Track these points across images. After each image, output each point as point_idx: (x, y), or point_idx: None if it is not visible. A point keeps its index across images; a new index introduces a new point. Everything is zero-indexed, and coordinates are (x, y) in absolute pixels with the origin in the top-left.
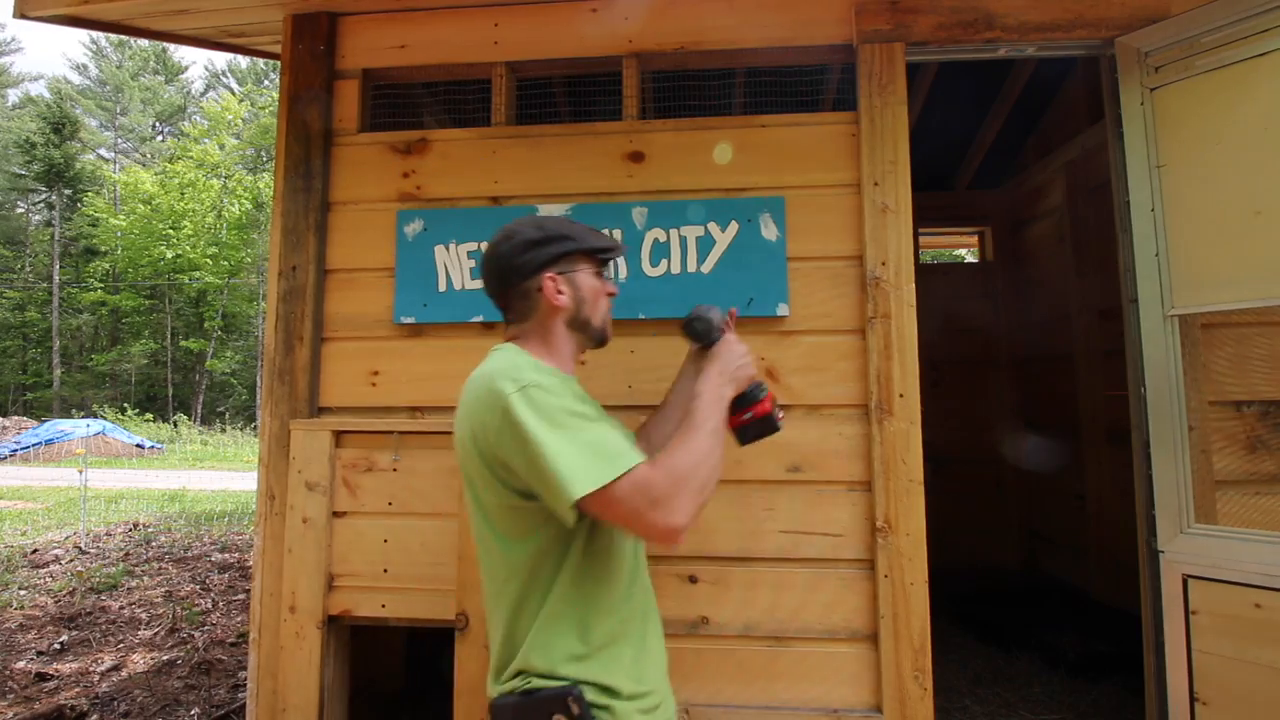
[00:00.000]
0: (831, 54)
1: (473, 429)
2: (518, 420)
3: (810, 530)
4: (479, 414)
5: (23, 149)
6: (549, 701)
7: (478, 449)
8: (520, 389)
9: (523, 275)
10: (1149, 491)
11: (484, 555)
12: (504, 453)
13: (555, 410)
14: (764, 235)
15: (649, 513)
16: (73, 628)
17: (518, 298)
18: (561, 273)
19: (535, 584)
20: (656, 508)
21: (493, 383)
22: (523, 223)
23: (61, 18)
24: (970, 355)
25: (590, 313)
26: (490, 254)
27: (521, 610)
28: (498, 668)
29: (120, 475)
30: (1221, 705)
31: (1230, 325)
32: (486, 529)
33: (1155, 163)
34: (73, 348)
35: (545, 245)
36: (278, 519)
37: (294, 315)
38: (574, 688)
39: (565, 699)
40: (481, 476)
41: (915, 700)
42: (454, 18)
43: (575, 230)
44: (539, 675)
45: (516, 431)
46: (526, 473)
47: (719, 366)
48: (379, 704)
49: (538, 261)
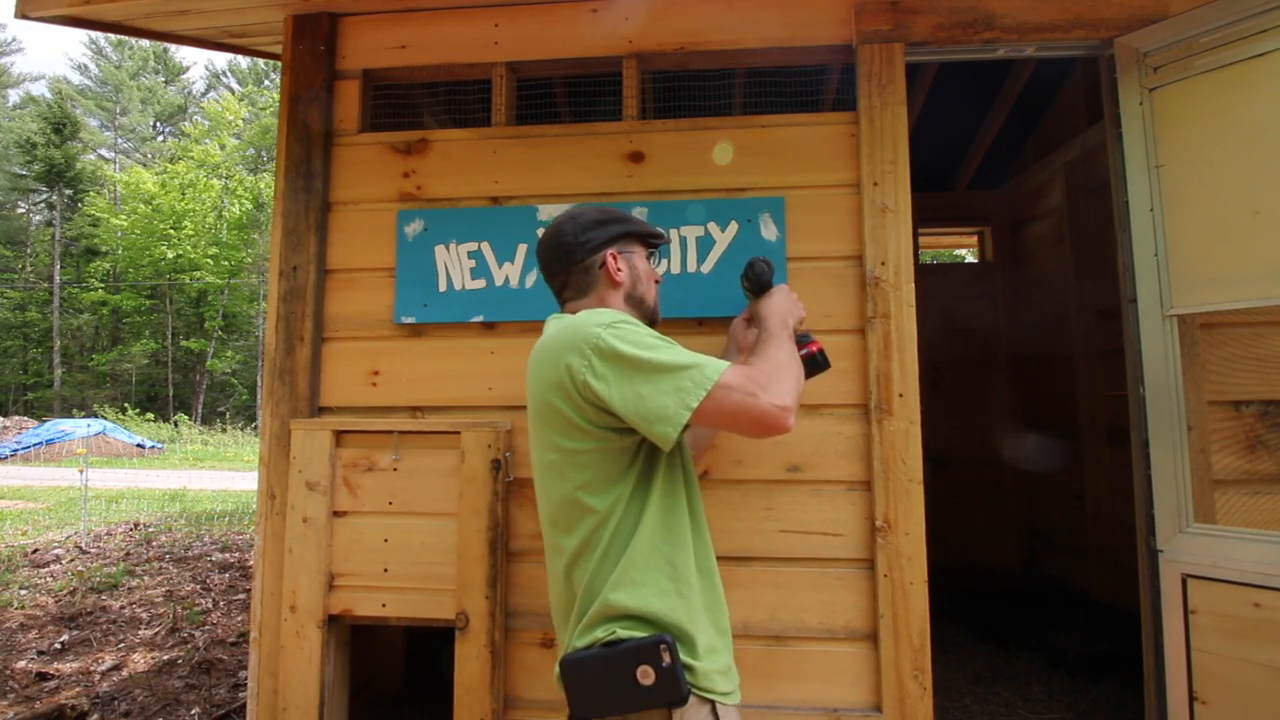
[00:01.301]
0: (831, 54)
1: (558, 378)
2: (617, 351)
3: (810, 530)
4: (565, 360)
5: (23, 149)
6: (636, 652)
7: (565, 396)
8: (608, 326)
9: (587, 251)
10: (1148, 491)
11: (560, 512)
12: (600, 386)
13: (646, 336)
14: (764, 235)
15: (761, 396)
16: (73, 627)
17: (579, 273)
18: (621, 251)
19: (621, 526)
20: (767, 391)
21: (579, 330)
22: (582, 209)
23: (62, 18)
24: (970, 355)
25: (645, 291)
26: (553, 235)
27: (606, 556)
28: (575, 619)
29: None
30: (1221, 704)
31: (1229, 325)
32: (568, 482)
33: (1154, 163)
34: (73, 347)
35: (607, 225)
36: (278, 518)
37: (295, 315)
38: (665, 635)
39: (655, 648)
40: (568, 426)
41: (915, 699)
42: (454, 18)
43: (630, 216)
44: (629, 616)
45: (617, 361)
46: (624, 401)
47: (777, 305)
48: (379, 703)
49: (600, 239)
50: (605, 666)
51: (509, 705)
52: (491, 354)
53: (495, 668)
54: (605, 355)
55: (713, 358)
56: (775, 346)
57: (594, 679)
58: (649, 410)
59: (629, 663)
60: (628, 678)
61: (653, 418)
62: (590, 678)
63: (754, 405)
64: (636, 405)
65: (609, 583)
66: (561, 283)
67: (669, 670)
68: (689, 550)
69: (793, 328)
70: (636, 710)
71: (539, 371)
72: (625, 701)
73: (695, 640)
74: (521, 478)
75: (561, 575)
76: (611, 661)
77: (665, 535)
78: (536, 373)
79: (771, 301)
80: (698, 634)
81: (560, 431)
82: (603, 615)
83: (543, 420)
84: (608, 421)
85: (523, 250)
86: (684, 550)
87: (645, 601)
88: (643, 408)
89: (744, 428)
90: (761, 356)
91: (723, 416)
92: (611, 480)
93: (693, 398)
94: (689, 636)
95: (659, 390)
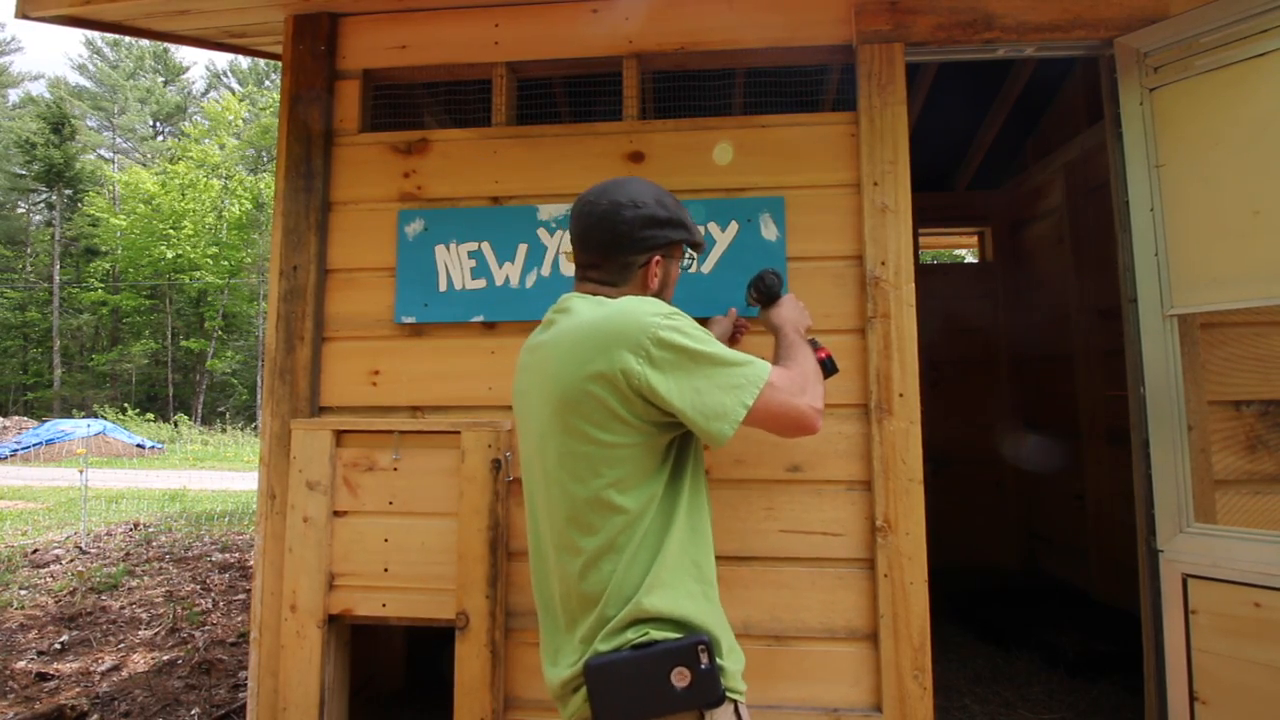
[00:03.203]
0: (831, 54)
1: (606, 368)
2: (676, 343)
3: (810, 530)
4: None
5: (23, 149)
6: (673, 654)
7: (611, 386)
8: (666, 316)
9: (635, 250)
10: (1148, 491)
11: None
12: (658, 379)
13: (700, 330)
14: (764, 235)
15: (800, 397)
16: (73, 627)
17: (618, 264)
18: (665, 257)
19: (652, 528)
20: (805, 393)
21: (633, 318)
22: (644, 193)
23: (62, 18)
24: (970, 355)
25: (668, 297)
26: (609, 214)
27: (635, 559)
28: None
29: (121, 475)
30: (1221, 704)
31: (1230, 325)
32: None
33: (1154, 163)
34: (73, 347)
35: (665, 228)
36: (278, 518)
37: (295, 315)
38: (703, 637)
39: (694, 649)
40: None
41: (915, 699)
42: (454, 18)
43: (687, 218)
44: (661, 619)
45: (677, 354)
46: (682, 396)
47: (789, 314)
48: (379, 703)
49: (653, 242)
50: (638, 669)
51: (509, 705)
52: (492, 354)
53: (495, 668)
54: (665, 346)
55: (757, 357)
56: (802, 352)
57: (625, 682)
58: (706, 406)
59: (665, 665)
60: (662, 680)
61: (710, 414)
62: (621, 680)
63: (796, 406)
64: (694, 400)
65: (640, 586)
66: (593, 262)
67: (707, 672)
68: (711, 551)
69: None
70: (670, 713)
71: (573, 355)
72: (659, 705)
73: (720, 641)
74: (520, 477)
75: (576, 575)
76: (645, 663)
77: (692, 537)
78: (568, 357)
79: (784, 310)
80: (722, 635)
81: (597, 423)
82: (633, 618)
83: (574, 409)
84: (654, 416)
85: (523, 250)
86: (707, 552)
87: (677, 604)
88: (700, 403)
89: (782, 426)
90: (792, 360)
91: (769, 416)
92: (644, 478)
93: (748, 395)
94: (716, 638)
95: (716, 386)
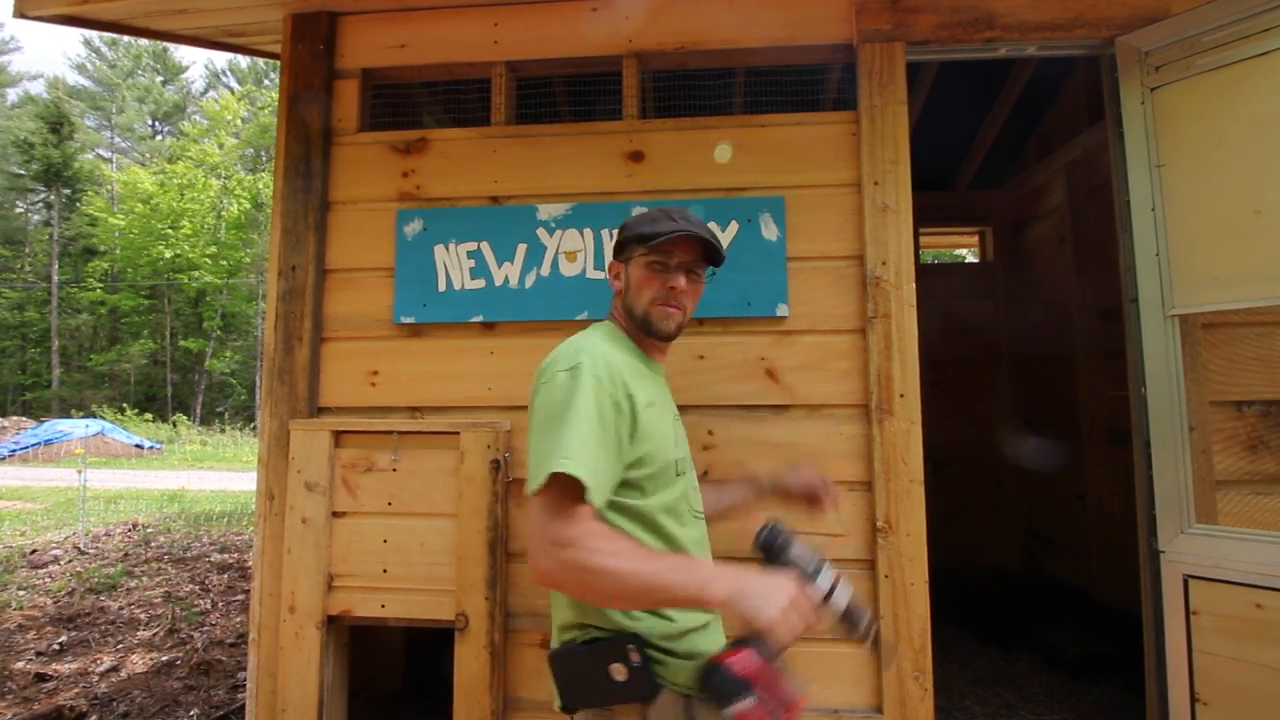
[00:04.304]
0: (832, 53)
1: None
2: (539, 399)
3: (811, 530)
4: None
5: (21, 148)
6: (609, 650)
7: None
8: (570, 368)
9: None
10: (1149, 492)
11: None
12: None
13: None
14: (764, 235)
15: (539, 541)
16: (72, 628)
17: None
18: (623, 260)
19: None
20: (550, 550)
21: (550, 357)
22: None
23: (61, 17)
24: (970, 355)
25: (633, 300)
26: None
27: None
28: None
29: (119, 475)
30: (1222, 705)
31: (1231, 325)
32: None
33: (1155, 162)
34: (72, 348)
35: (623, 233)
36: (277, 519)
37: (294, 315)
38: (635, 638)
39: (624, 647)
40: None
41: (916, 700)
42: (454, 17)
43: (645, 219)
44: (597, 627)
45: (534, 404)
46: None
47: (758, 589)
48: (379, 704)
49: (615, 250)
50: (582, 662)
51: (509, 706)
52: (491, 354)
53: (495, 668)
54: (536, 392)
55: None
56: (643, 566)
57: (575, 672)
58: (530, 458)
59: (602, 659)
60: (602, 673)
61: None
62: (572, 671)
63: (533, 540)
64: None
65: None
66: None
67: (639, 669)
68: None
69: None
70: (615, 703)
71: None
72: (602, 696)
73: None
74: (521, 478)
75: None
76: (585, 658)
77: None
78: None
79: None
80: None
81: None
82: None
83: None
84: None
85: (522, 250)
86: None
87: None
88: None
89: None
90: (628, 552)
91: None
92: None
93: (535, 481)
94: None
95: (532, 449)
